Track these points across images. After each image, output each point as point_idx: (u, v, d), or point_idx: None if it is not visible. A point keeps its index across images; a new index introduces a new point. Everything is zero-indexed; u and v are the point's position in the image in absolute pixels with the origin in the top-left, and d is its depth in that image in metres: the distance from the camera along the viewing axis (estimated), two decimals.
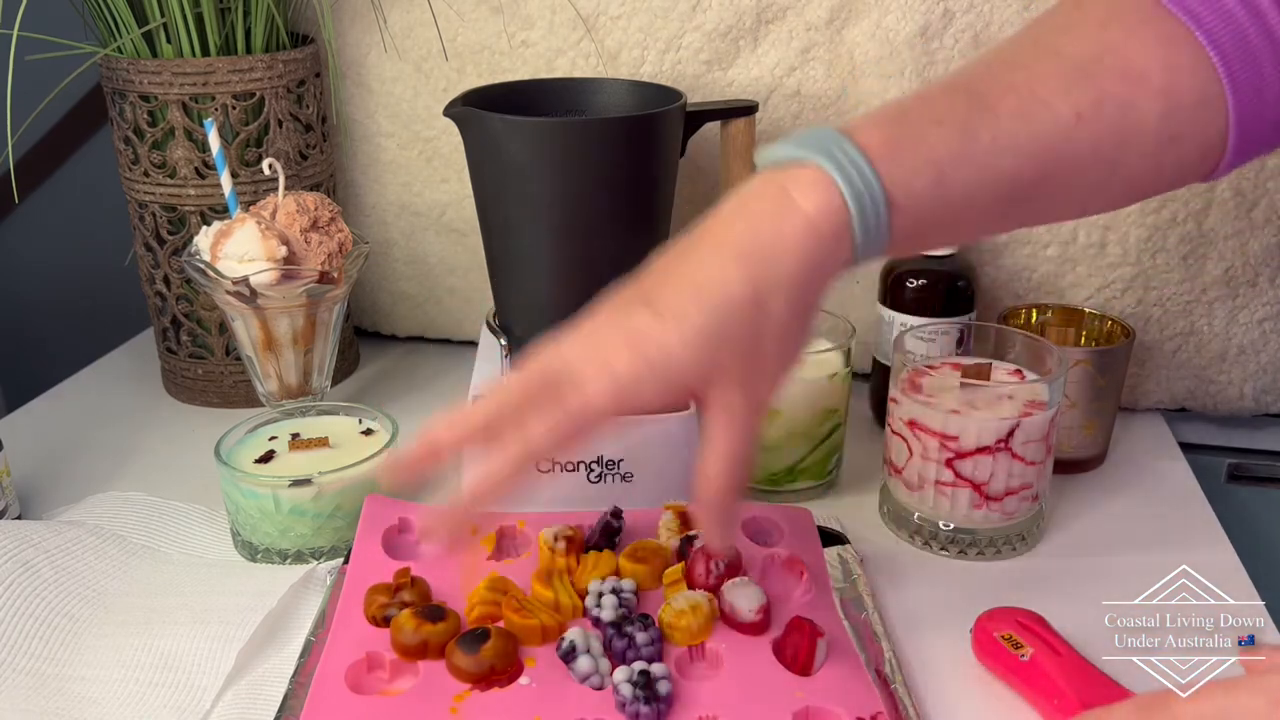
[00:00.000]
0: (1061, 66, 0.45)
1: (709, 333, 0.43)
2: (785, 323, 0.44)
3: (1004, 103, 0.45)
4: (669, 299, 0.45)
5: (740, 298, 0.44)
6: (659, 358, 0.43)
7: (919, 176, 0.44)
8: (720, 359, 0.44)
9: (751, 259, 0.44)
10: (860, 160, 0.44)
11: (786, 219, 0.44)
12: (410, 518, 0.62)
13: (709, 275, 0.44)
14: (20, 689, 0.53)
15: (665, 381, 0.43)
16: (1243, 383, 0.80)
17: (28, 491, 0.71)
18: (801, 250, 0.44)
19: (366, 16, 0.82)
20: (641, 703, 0.47)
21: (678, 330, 0.43)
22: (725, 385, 0.44)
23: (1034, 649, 0.52)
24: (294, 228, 0.70)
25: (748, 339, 0.44)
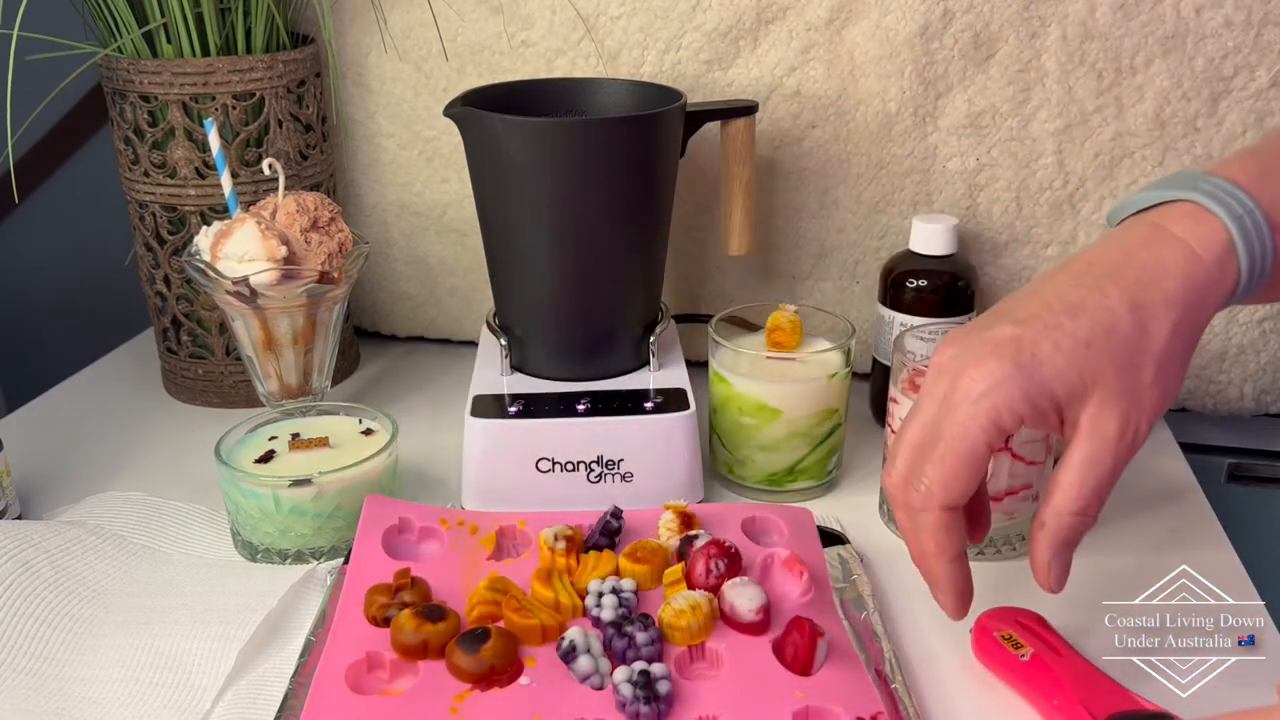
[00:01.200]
0: None
1: (1084, 340, 0.42)
2: (1166, 346, 0.43)
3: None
4: (1036, 311, 0.43)
5: (1118, 311, 0.42)
6: (1026, 360, 0.42)
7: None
8: (1096, 371, 0.42)
9: (1128, 280, 0.43)
10: (1231, 188, 0.43)
11: (1165, 247, 0.43)
12: (410, 518, 0.62)
13: (1082, 292, 0.43)
14: (20, 689, 0.53)
15: (1033, 387, 0.42)
16: (1243, 383, 0.80)
17: (28, 491, 0.71)
18: (1183, 274, 0.43)
19: (366, 16, 0.82)
20: (642, 703, 0.47)
21: (1049, 337, 0.42)
22: (1099, 403, 0.42)
23: (1034, 649, 0.52)
24: (294, 228, 0.70)
25: (1126, 355, 0.42)
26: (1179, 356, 0.43)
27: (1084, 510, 0.44)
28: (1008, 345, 0.43)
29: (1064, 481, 0.44)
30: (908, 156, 0.78)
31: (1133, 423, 0.43)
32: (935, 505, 0.45)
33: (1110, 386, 0.42)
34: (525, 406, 0.68)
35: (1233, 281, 0.43)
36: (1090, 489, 0.43)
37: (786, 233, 0.83)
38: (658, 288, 0.75)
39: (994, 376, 0.42)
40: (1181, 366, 0.44)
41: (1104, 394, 0.42)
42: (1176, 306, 0.43)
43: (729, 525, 0.62)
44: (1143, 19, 0.72)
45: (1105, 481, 0.44)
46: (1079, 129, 0.75)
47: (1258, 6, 0.70)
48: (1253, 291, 0.44)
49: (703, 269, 0.85)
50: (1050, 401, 0.43)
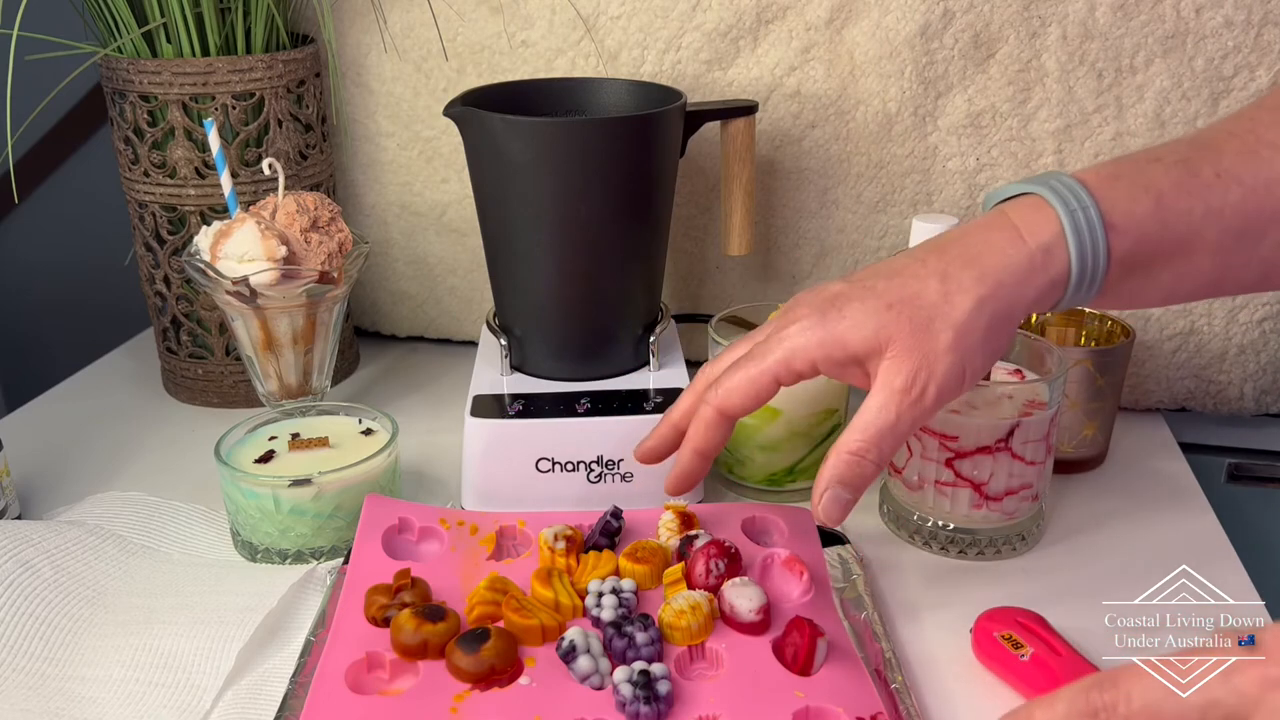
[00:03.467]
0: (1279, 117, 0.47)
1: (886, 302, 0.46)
2: (967, 317, 0.46)
3: (1226, 145, 0.46)
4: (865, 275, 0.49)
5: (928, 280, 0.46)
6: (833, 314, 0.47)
7: (1137, 202, 0.45)
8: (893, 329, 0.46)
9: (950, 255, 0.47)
10: (1076, 185, 0.46)
11: (995, 230, 0.46)
12: (410, 518, 0.62)
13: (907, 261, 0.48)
14: (20, 689, 0.53)
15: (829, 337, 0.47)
16: (1243, 383, 0.80)
17: (28, 491, 0.71)
18: (1002, 255, 0.46)
19: (366, 16, 0.82)
20: (641, 702, 0.47)
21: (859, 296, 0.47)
22: (892, 358, 0.46)
23: (1034, 649, 0.52)
24: (294, 228, 0.70)
25: (924, 319, 0.46)
26: (982, 331, 0.46)
27: (860, 452, 0.48)
28: (826, 300, 0.48)
29: (852, 424, 0.48)
30: (908, 156, 0.78)
31: (920, 380, 0.46)
32: (713, 404, 0.51)
33: (903, 344, 0.46)
34: (525, 406, 0.68)
35: (1060, 271, 0.46)
36: (870, 434, 0.47)
37: (786, 233, 0.83)
38: (658, 288, 0.75)
39: (801, 323, 0.48)
40: (985, 341, 0.47)
41: (897, 350, 0.46)
42: (987, 283, 0.45)
43: (729, 525, 0.62)
44: (1143, 19, 0.72)
45: (887, 431, 0.47)
46: (1079, 129, 0.75)
47: (1258, 6, 0.70)
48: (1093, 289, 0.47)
49: (703, 269, 0.85)
50: (844, 352, 0.48)
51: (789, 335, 0.49)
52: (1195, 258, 0.47)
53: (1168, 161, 0.46)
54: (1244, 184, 0.46)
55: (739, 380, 0.50)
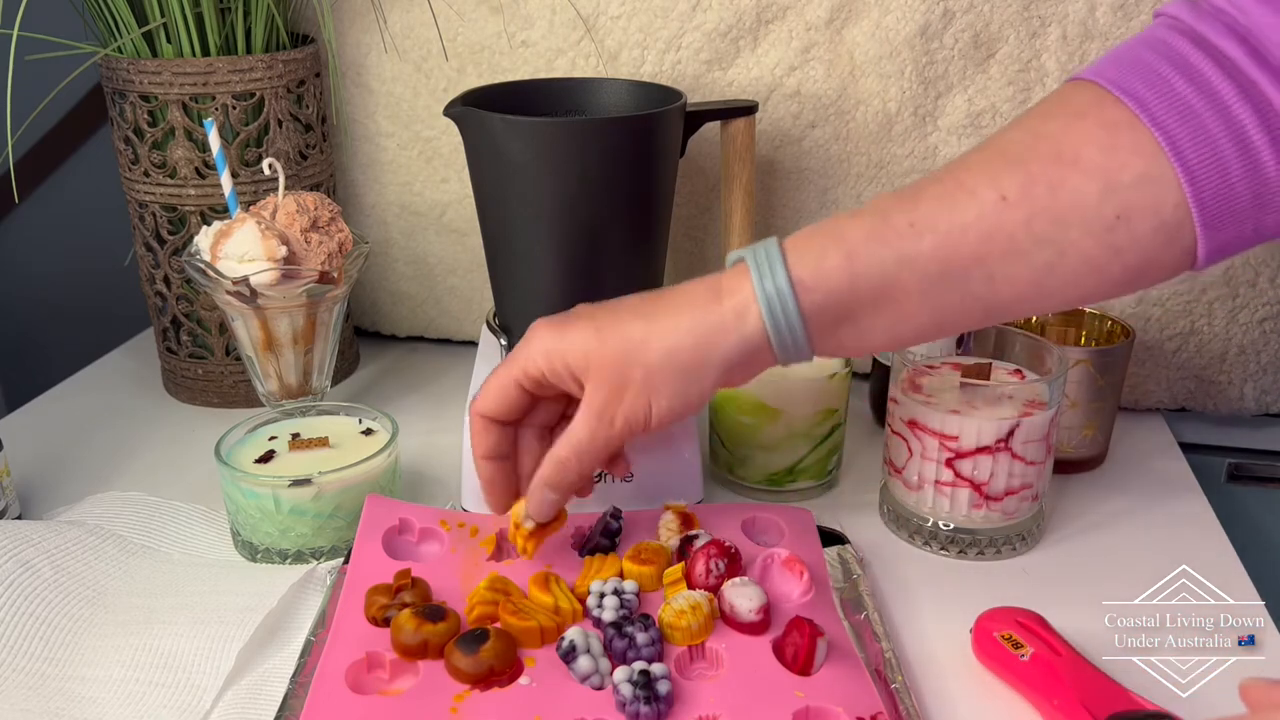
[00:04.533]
0: (991, 157, 0.48)
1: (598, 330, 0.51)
2: (659, 361, 0.50)
3: (926, 193, 0.48)
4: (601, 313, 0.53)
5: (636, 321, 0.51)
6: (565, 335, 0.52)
7: (826, 257, 0.48)
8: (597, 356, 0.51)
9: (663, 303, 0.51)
10: (774, 248, 0.49)
11: (704, 288, 0.51)
12: (410, 519, 0.62)
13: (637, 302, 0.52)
14: (20, 689, 0.53)
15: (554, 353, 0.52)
16: (1243, 383, 0.80)
17: (28, 491, 0.71)
18: (698, 311, 0.50)
19: (366, 16, 0.82)
20: (642, 703, 0.47)
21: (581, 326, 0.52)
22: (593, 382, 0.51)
23: (1034, 649, 0.52)
24: (294, 228, 0.70)
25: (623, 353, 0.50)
26: (670, 376, 0.50)
27: (564, 460, 0.53)
28: (561, 319, 0.53)
29: (564, 433, 0.53)
30: (908, 156, 0.78)
31: (610, 407, 0.51)
32: (472, 411, 0.55)
33: (602, 372, 0.51)
34: None
35: (754, 330, 0.49)
36: (572, 446, 0.53)
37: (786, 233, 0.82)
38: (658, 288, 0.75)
39: (539, 336, 0.53)
40: (673, 385, 0.50)
41: (597, 376, 0.51)
42: (679, 333, 0.50)
43: (729, 525, 0.62)
44: (1143, 19, 0.72)
45: (584, 445, 0.52)
46: None
47: None
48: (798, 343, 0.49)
49: (703, 269, 0.85)
50: (564, 367, 0.51)
51: (528, 342, 0.53)
52: (901, 304, 0.48)
53: (864, 215, 0.49)
54: (937, 230, 0.47)
55: (489, 384, 0.55)
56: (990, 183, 0.46)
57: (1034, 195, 0.46)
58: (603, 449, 0.52)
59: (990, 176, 0.47)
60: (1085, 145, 0.45)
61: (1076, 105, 0.47)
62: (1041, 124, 0.47)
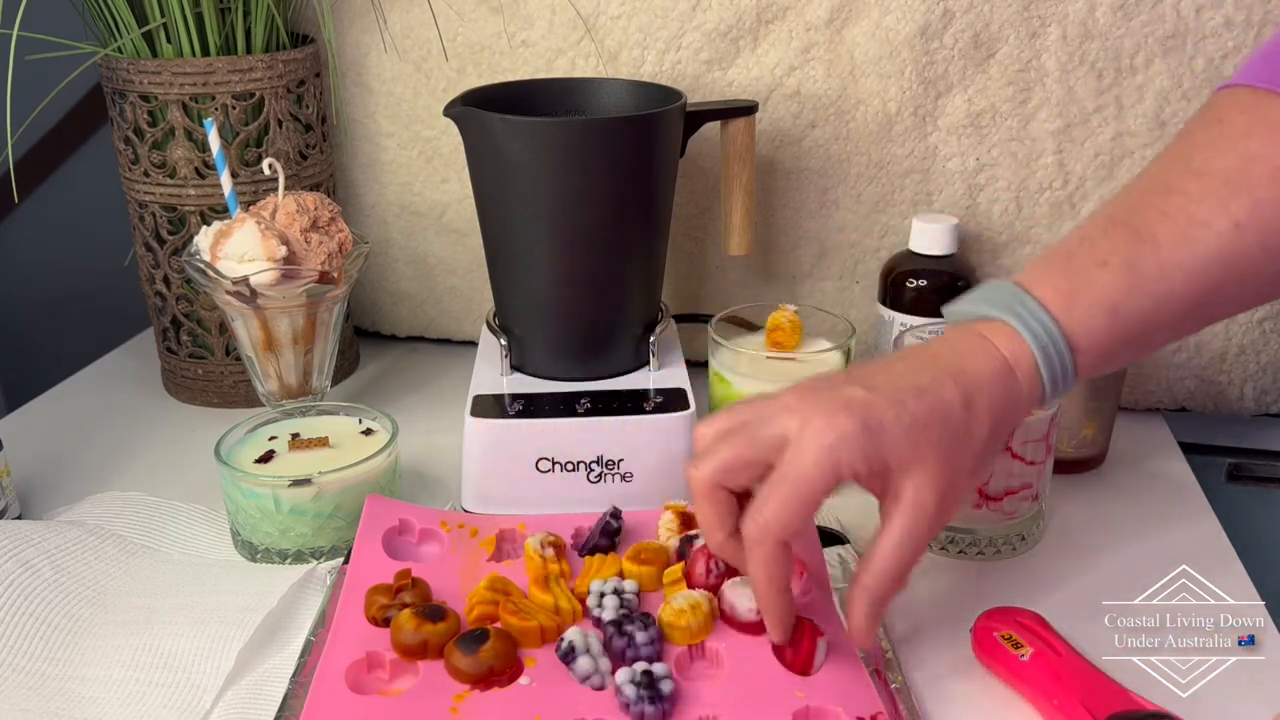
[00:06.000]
0: (1210, 184, 0.49)
1: (924, 422, 0.47)
2: (985, 444, 0.49)
3: (1162, 230, 0.49)
4: (884, 385, 0.48)
5: (953, 406, 0.48)
6: (874, 424, 0.46)
7: (1095, 319, 0.49)
8: (926, 449, 0.47)
9: (963, 379, 0.49)
10: (1040, 313, 0.49)
11: (988, 358, 0.49)
12: (410, 519, 0.62)
13: (925, 380, 0.48)
14: (20, 689, 0.53)
15: (873, 450, 0.46)
16: (1243, 383, 0.80)
17: (28, 491, 0.71)
18: (1004, 387, 0.49)
19: (366, 16, 0.82)
20: (646, 703, 0.47)
21: (894, 409, 0.47)
22: (922, 480, 0.47)
23: (1034, 649, 0.52)
24: (294, 228, 0.70)
25: (952, 442, 0.47)
26: (991, 455, 0.50)
27: (900, 576, 0.48)
28: (859, 406, 0.47)
29: (885, 548, 0.48)
30: (908, 156, 0.78)
31: (945, 503, 0.48)
32: (770, 540, 0.47)
33: (934, 466, 0.47)
34: (525, 406, 0.68)
35: (1037, 395, 0.50)
36: (908, 557, 0.48)
37: (786, 233, 0.83)
38: (658, 288, 0.75)
39: (841, 430, 0.46)
40: (991, 464, 0.52)
41: (928, 472, 0.47)
42: (996, 413, 0.49)
43: None
44: (1143, 19, 0.72)
45: (919, 550, 0.48)
46: (1079, 129, 0.75)
47: (1258, 6, 0.70)
48: (1060, 396, 0.51)
49: (703, 269, 0.85)
50: (882, 465, 0.47)
51: (830, 444, 0.46)
52: (1153, 339, 0.51)
53: (1113, 266, 0.49)
54: (1185, 269, 0.49)
55: (789, 502, 0.46)
56: (1221, 211, 0.48)
57: (1263, 217, 0.47)
58: (928, 544, 0.50)
59: (1218, 204, 0.48)
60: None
61: (1274, 119, 0.48)
62: (1245, 144, 0.49)
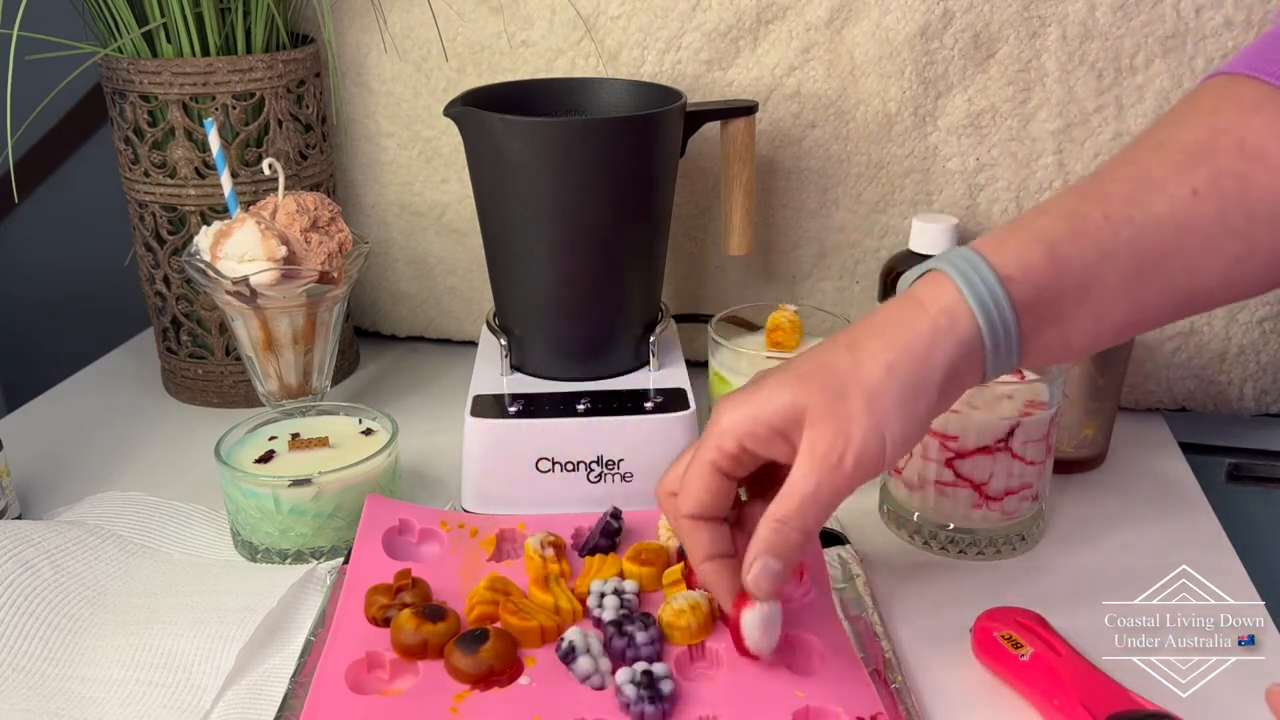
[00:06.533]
0: (1171, 153, 0.48)
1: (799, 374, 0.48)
2: (879, 381, 0.46)
3: (1114, 188, 0.48)
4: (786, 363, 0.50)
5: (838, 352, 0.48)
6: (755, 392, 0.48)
7: (1029, 253, 0.47)
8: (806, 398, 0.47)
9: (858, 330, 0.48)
10: (969, 253, 0.48)
11: (900, 305, 0.48)
12: (410, 519, 0.62)
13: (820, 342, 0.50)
14: (20, 689, 0.53)
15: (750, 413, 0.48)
16: (1243, 383, 0.80)
17: (28, 491, 0.71)
18: (905, 324, 0.47)
19: (366, 16, 0.82)
20: (647, 703, 0.47)
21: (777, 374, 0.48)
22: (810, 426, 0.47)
23: (1034, 649, 0.52)
24: (294, 228, 0.70)
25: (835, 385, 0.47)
26: (895, 395, 0.46)
27: (784, 519, 0.47)
28: (747, 387, 0.49)
29: (779, 493, 0.47)
30: (908, 156, 0.78)
31: (839, 447, 0.46)
32: (679, 515, 0.50)
33: (818, 411, 0.46)
34: (525, 406, 0.68)
35: (968, 330, 0.47)
36: (794, 504, 0.47)
37: (786, 233, 0.83)
38: (658, 288, 0.75)
39: (727, 411, 0.48)
40: (901, 406, 0.47)
41: (813, 418, 0.46)
42: (894, 349, 0.47)
43: None
44: (1143, 19, 0.72)
45: (809, 499, 0.46)
46: (1079, 129, 0.75)
47: (1258, 6, 0.70)
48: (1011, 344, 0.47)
49: (703, 269, 0.85)
50: (767, 428, 0.47)
51: (716, 422, 0.49)
52: (1103, 299, 0.48)
53: (1056, 213, 0.48)
54: (1134, 223, 0.47)
55: (687, 480, 0.50)
56: (1179, 177, 0.47)
57: (1224, 189, 0.46)
58: (829, 500, 0.47)
59: (1176, 170, 0.47)
60: (1268, 139, 0.46)
61: (1244, 99, 0.47)
62: (1212, 119, 0.48)
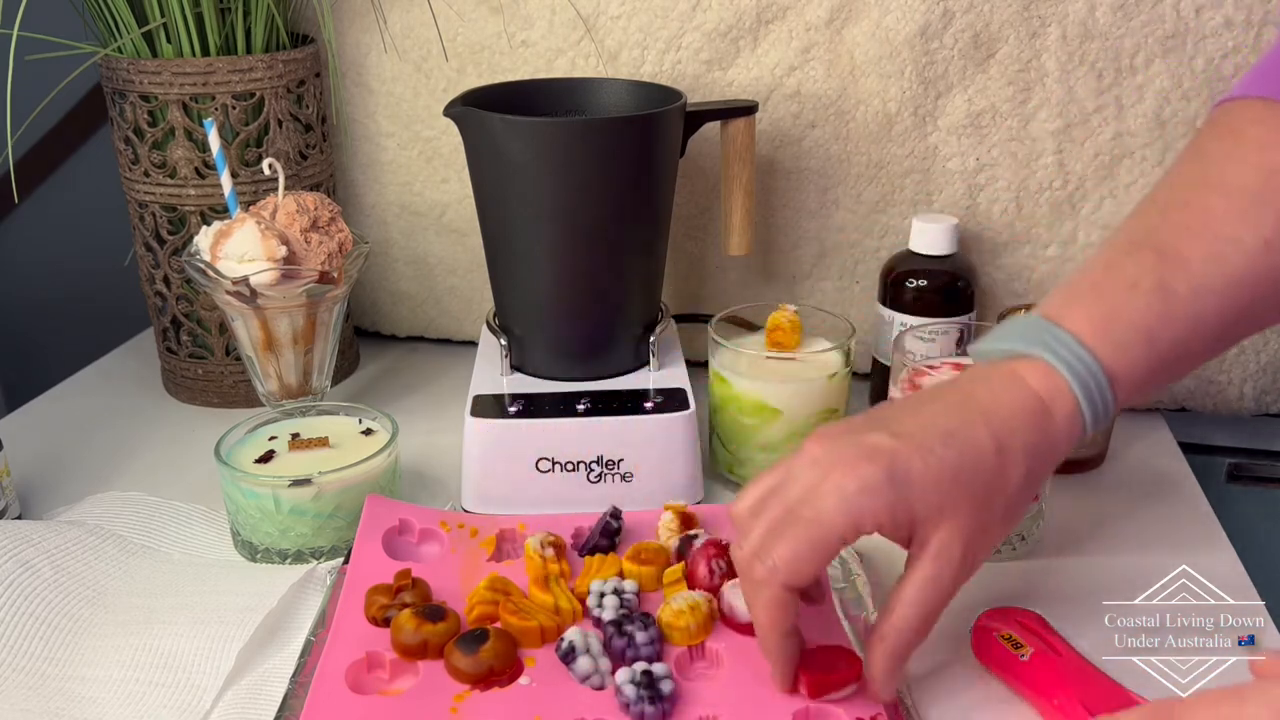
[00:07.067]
0: (1234, 200, 0.48)
1: (953, 470, 0.45)
2: (1018, 491, 0.46)
3: (1190, 249, 0.48)
4: (912, 430, 0.46)
5: (985, 450, 0.46)
6: (900, 474, 0.44)
7: (1132, 347, 0.47)
8: (956, 499, 0.45)
9: (996, 422, 0.46)
10: (1075, 346, 0.47)
11: (1023, 397, 0.47)
12: (410, 519, 0.62)
13: (956, 423, 0.46)
14: (20, 689, 0.53)
15: (899, 501, 0.44)
16: (1243, 383, 0.80)
17: (28, 491, 0.71)
18: (1040, 429, 0.47)
19: (366, 16, 0.82)
20: (646, 703, 0.47)
21: (921, 457, 0.45)
22: (950, 529, 0.45)
23: (1034, 649, 0.52)
24: (294, 228, 0.70)
25: (984, 491, 0.45)
26: (1026, 500, 0.48)
27: (921, 629, 0.46)
28: (884, 455, 0.45)
29: (908, 598, 0.46)
30: (908, 156, 0.78)
31: (974, 552, 0.46)
32: (778, 582, 0.46)
33: (964, 517, 0.45)
34: (525, 406, 0.68)
35: (1078, 433, 0.48)
36: (930, 608, 0.46)
37: (786, 233, 0.83)
38: (658, 288, 0.75)
39: (865, 480, 0.44)
40: (1025, 507, 0.48)
41: (957, 523, 0.45)
42: (1032, 456, 0.46)
43: (729, 525, 0.62)
44: (1143, 19, 0.72)
45: (942, 602, 0.46)
46: (1079, 129, 0.75)
47: (1258, 6, 0.70)
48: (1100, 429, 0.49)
49: (703, 269, 0.85)
50: (908, 516, 0.45)
51: (852, 494, 0.44)
52: (1186, 362, 0.50)
53: (1144, 288, 0.48)
54: (1216, 291, 0.47)
55: (802, 546, 0.45)
56: (1250, 229, 0.47)
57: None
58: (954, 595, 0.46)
59: (1245, 222, 0.47)
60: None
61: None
62: (1261, 155, 0.48)
